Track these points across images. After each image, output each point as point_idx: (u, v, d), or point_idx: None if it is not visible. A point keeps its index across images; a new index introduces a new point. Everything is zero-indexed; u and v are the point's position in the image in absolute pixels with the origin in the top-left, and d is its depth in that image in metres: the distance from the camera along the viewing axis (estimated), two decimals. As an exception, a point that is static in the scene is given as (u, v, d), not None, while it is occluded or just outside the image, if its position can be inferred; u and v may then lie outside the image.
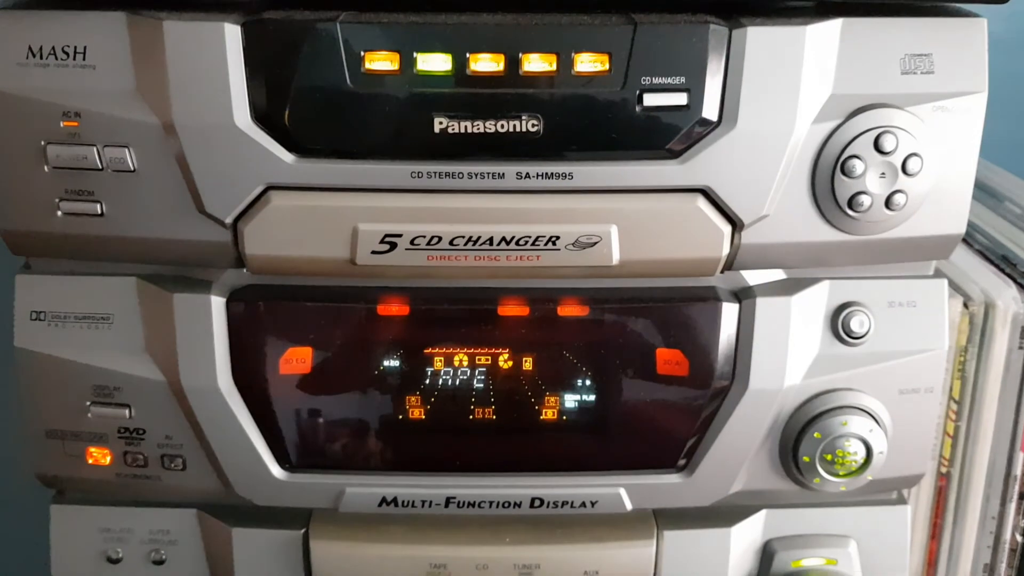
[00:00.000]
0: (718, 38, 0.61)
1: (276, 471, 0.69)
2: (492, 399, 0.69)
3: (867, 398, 0.69)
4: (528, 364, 0.68)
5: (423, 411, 0.69)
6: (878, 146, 0.62)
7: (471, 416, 0.69)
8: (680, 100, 0.61)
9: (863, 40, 0.62)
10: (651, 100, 0.61)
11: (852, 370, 0.69)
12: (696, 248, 0.64)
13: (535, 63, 0.60)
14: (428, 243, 0.63)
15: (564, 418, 0.69)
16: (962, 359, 0.80)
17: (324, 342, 0.68)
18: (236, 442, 0.68)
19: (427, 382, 0.68)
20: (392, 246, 0.63)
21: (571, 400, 0.69)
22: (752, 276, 0.68)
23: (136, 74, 0.61)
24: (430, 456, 0.70)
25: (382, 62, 0.60)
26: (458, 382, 0.69)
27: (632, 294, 0.68)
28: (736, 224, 0.64)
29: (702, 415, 0.69)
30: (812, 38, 0.61)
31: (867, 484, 0.70)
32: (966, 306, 0.79)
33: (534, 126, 0.61)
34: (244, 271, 0.66)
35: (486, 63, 0.60)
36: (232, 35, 0.60)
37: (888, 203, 0.64)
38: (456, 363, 0.68)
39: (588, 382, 0.69)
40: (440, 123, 0.61)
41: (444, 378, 0.68)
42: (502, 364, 0.68)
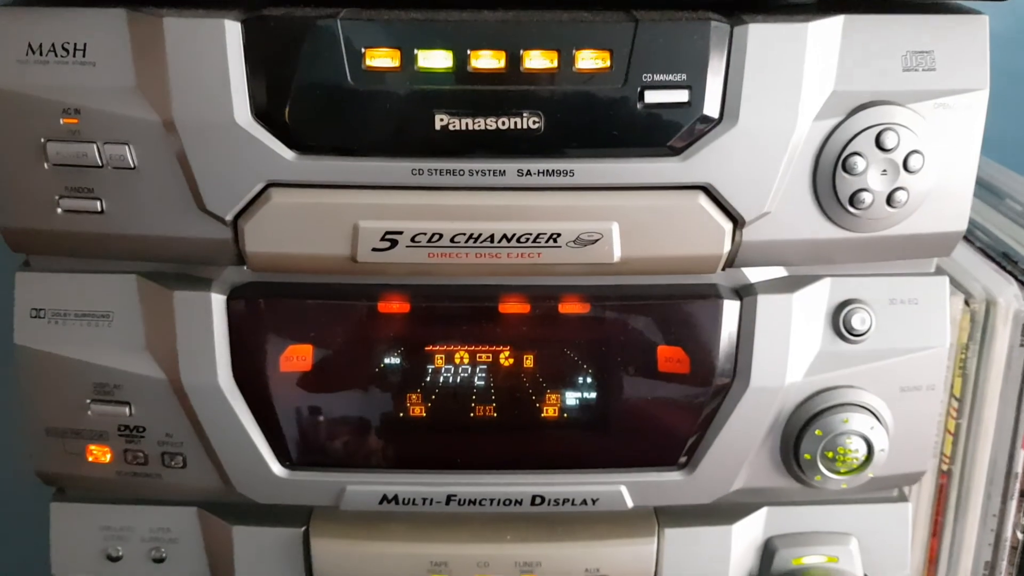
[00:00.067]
0: (719, 35, 0.60)
1: (276, 469, 0.69)
2: (493, 397, 0.69)
3: (868, 395, 0.69)
4: (529, 361, 0.68)
5: (424, 409, 0.69)
6: (879, 143, 0.62)
7: (472, 414, 0.69)
8: (681, 97, 0.61)
9: (865, 37, 0.62)
10: (652, 97, 0.61)
11: (853, 367, 0.69)
12: (697, 245, 0.64)
13: (536, 60, 0.60)
14: (429, 240, 0.63)
15: (565, 416, 0.69)
16: (963, 356, 0.80)
17: (325, 340, 0.68)
18: (236, 440, 0.68)
19: (428, 380, 0.68)
20: (393, 243, 0.63)
21: (572, 398, 0.69)
22: (753, 273, 0.68)
23: (136, 71, 0.61)
24: (431, 454, 0.70)
25: (383, 59, 0.60)
26: (459, 380, 0.68)
27: (633, 291, 0.68)
28: (737, 221, 0.64)
29: (703, 413, 0.69)
30: (814, 35, 0.61)
31: (868, 481, 0.70)
32: (967, 303, 0.79)
33: (535, 123, 0.61)
34: (244, 268, 0.66)
35: (487, 60, 0.60)
36: (232, 32, 0.59)
37: (889, 200, 0.64)
38: (457, 360, 0.68)
39: (589, 379, 0.69)
40: (441, 120, 0.60)
41: (445, 375, 0.68)
42: (503, 362, 0.68)
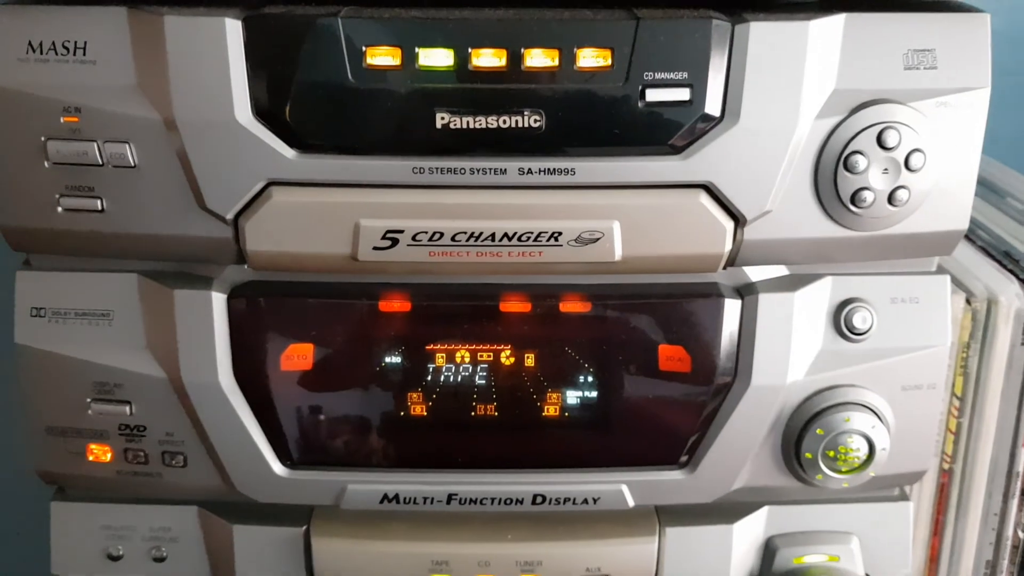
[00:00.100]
0: (721, 33, 0.60)
1: (277, 468, 0.69)
2: (494, 395, 0.69)
3: (870, 394, 0.69)
4: (530, 360, 0.68)
5: (425, 408, 0.69)
6: (881, 142, 0.62)
7: (473, 413, 0.69)
8: (683, 96, 0.61)
9: (866, 35, 0.62)
10: (654, 96, 0.61)
11: (855, 366, 0.69)
12: (699, 244, 0.64)
13: (537, 58, 0.60)
14: (430, 239, 0.62)
15: (566, 415, 0.69)
16: (964, 355, 0.80)
17: (325, 338, 0.68)
18: (237, 439, 0.68)
19: (429, 378, 0.68)
20: (394, 242, 0.62)
21: (573, 397, 0.69)
22: (754, 272, 0.68)
23: (137, 69, 0.61)
24: (432, 453, 0.70)
25: (384, 57, 0.60)
26: (460, 378, 0.68)
27: (634, 290, 0.68)
28: (739, 220, 0.63)
29: (704, 411, 0.69)
30: (815, 33, 0.61)
31: (869, 480, 0.70)
32: (969, 302, 0.79)
33: (536, 122, 0.61)
34: (245, 267, 0.66)
35: (488, 58, 0.60)
36: (233, 30, 0.59)
37: (891, 199, 0.63)
38: (458, 359, 0.68)
39: (590, 378, 0.69)
40: (442, 118, 0.60)
41: (446, 374, 0.68)
42: (504, 360, 0.68)
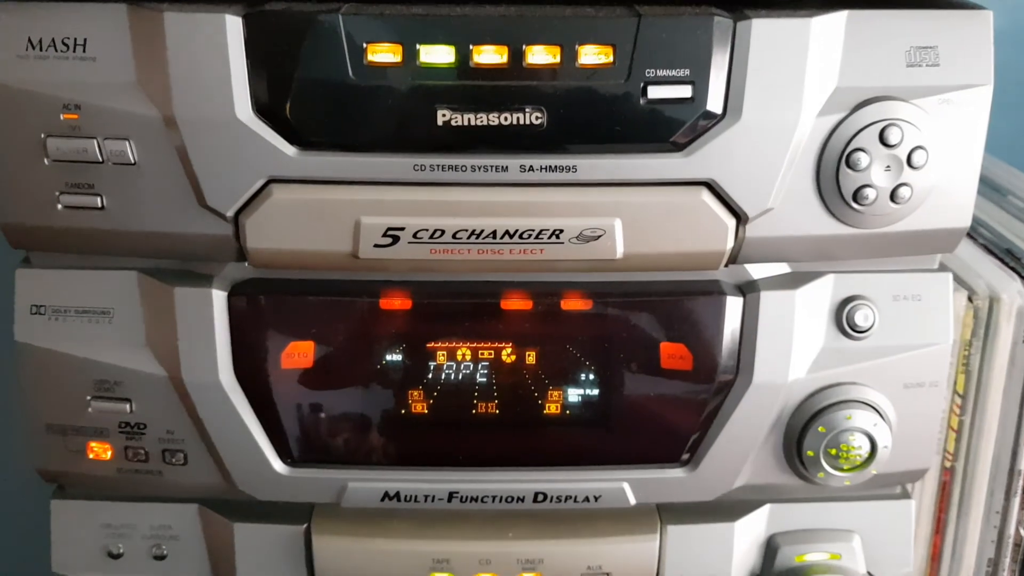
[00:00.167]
0: (722, 30, 0.60)
1: (278, 466, 0.69)
2: (495, 393, 0.68)
3: (871, 392, 0.69)
4: (531, 358, 0.68)
5: (426, 405, 0.69)
6: (883, 139, 0.62)
7: (474, 411, 0.69)
8: (684, 93, 0.61)
9: (868, 32, 0.62)
10: (655, 93, 0.61)
11: (856, 364, 0.69)
12: (700, 241, 0.63)
13: (539, 55, 0.60)
14: (431, 237, 0.62)
15: (567, 412, 0.69)
16: (966, 353, 0.80)
17: (326, 336, 0.68)
18: (238, 437, 0.68)
19: (430, 376, 0.68)
20: (395, 240, 0.62)
21: (574, 394, 0.69)
22: (756, 270, 0.68)
23: (136, 66, 0.60)
24: (433, 451, 0.70)
25: (384, 54, 0.60)
26: (461, 376, 0.68)
27: (636, 288, 0.68)
28: (740, 217, 0.63)
29: (706, 409, 0.68)
30: (817, 30, 0.61)
31: (871, 478, 0.70)
32: (971, 300, 0.79)
33: (538, 119, 0.60)
34: (246, 265, 0.66)
35: (489, 55, 0.60)
36: (233, 27, 0.59)
37: (893, 196, 0.63)
38: (459, 357, 0.68)
39: (591, 376, 0.68)
40: (443, 115, 0.60)
41: (447, 372, 0.68)
42: (505, 358, 0.68)
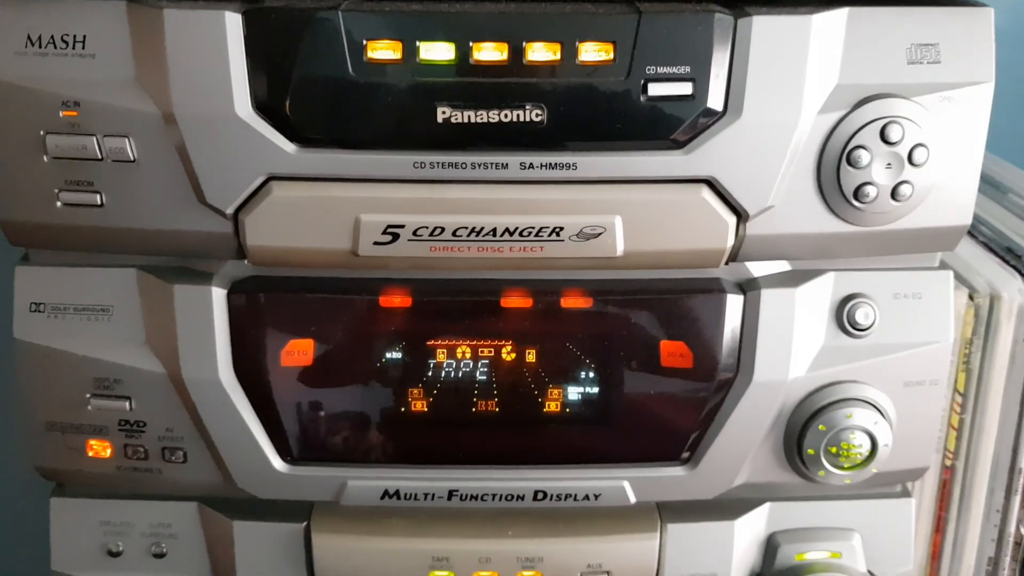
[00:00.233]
0: (723, 27, 0.60)
1: (277, 464, 0.69)
2: (495, 391, 0.68)
3: (872, 390, 0.69)
4: (531, 356, 0.68)
5: (425, 403, 0.68)
6: (884, 136, 0.62)
7: (474, 408, 0.69)
8: (685, 90, 0.61)
9: (869, 29, 0.62)
10: (656, 90, 0.61)
11: (857, 362, 0.69)
12: (701, 239, 0.63)
13: (539, 52, 0.60)
14: (431, 234, 0.62)
15: (567, 411, 0.69)
16: (967, 351, 0.80)
17: (326, 334, 0.68)
18: (237, 435, 0.68)
19: (430, 374, 0.68)
20: (394, 237, 0.62)
21: (574, 393, 0.69)
22: (757, 267, 0.68)
23: (136, 63, 0.60)
24: (433, 449, 0.70)
25: (384, 51, 0.60)
26: (461, 374, 0.68)
27: (636, 286, 0.67)
28: (741, 215, 0.63)
29: (706, 408, 0.68)
30: (818, 27, 0.61)
31: (872, 477, 0.70)
32: (971, 298, 0.78)
33: (538, 116, 0.60)
34: (245, 262, 0.65)
35: (490, 52, 0.60)
36: (233, 23, 0.59)
37: (894, 194, 0.63)
38: (459, 355, 0.68)
39: (591, 374, 0.68)
40: (443, 113, 0.60)
41: (447, 370, 0.68)
42: (505, 356, 0.68)
